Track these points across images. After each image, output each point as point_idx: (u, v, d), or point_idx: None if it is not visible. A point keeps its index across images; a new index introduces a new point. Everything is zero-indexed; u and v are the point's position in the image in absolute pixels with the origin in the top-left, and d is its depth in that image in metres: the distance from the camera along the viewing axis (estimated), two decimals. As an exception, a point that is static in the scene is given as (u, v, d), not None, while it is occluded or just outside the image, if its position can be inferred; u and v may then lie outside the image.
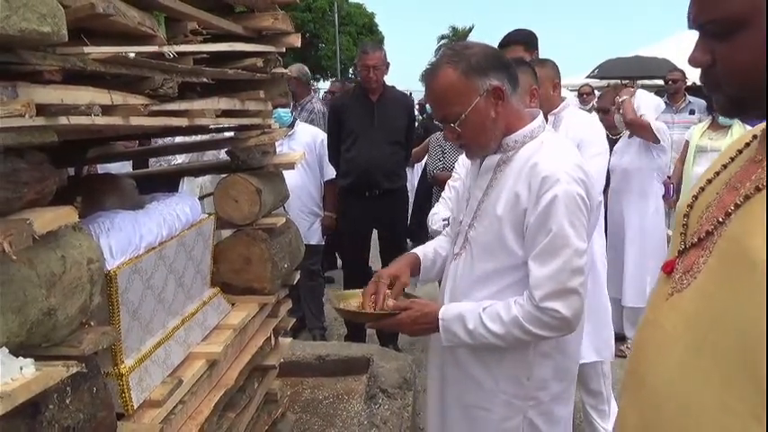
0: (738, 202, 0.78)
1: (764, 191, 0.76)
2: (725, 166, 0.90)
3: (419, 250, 1.83)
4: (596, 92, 8.23)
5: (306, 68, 5.22)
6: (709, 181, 0.91)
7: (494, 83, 1.47)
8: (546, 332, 1.46)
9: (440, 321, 1.54)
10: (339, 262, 5.98)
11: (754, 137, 0.88)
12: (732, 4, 0.74)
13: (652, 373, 0.85)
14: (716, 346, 0.75)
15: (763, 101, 0.77)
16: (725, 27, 0.76)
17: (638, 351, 0.92)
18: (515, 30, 3.06)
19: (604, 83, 8.64)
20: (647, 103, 4.10)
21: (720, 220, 0.80)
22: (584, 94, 8.03)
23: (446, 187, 2.66)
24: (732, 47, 0.76)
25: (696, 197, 0.92)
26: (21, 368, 0.89)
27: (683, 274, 0.85)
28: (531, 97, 2.19)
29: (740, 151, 0.90)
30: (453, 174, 2.61)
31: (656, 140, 3.94)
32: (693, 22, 0.80)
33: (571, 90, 6.64)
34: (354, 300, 1.73)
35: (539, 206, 1.44)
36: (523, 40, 2.97)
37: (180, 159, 3.95)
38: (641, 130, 3.96)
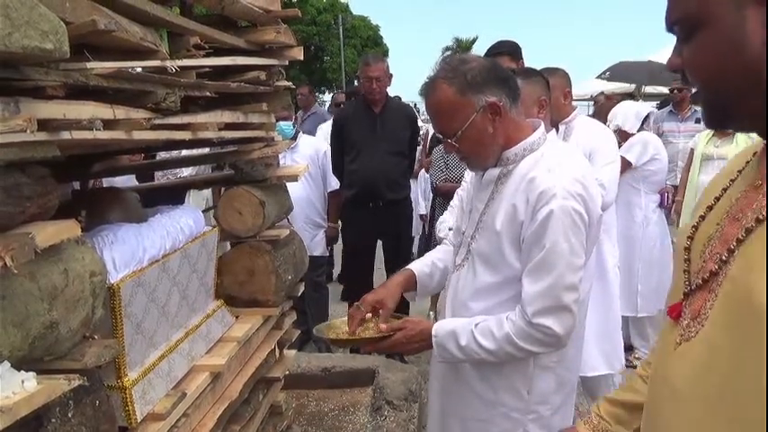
0: (741, 237, 0.75)
1: (765, 222, 0.73)
2: (725, 190, 0.86)
3: (415, 266, 1.82)
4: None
5: None
6: (710, 208, 0.87)
7: (490, 99, 1.46)
8: (537, 348, 1.47)
9: (433, 338, 1.54)
10: (334, 274, 5.99)
11: (754, 154, 0.85)
12: (687, 5, 0.75)
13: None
14: (733, 405, 0.71)
15: (737, 110, 0.76)
16: (685, 27, 0.77)
17: (652, 410, 0.88)
18: (499, 41, 3.10)
19: (615, 86, 8.57)
20: (625, 114, 4.07)
21: (724, 258, 0.77)
22: (598, 102, 7.99)
23: (455, 196, 2.67)
24: (692, 48, 0.76)
25: (696, 227, 0.87)
26: (22, 382, 0.89)
27: (690, 320, 0.81)
28: (539, 108, 2.19)
29: (740, 171, 0.86)
30: (463, 183, 2.62)
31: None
32: (666, 25, 0.81)
33: (578, 99, 6.61)
34: (342, 325, 1.74)
35: (535, 221, 1.43)
36: (508, 50, 2.99)
37: (186, 172, 3.98)
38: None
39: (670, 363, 0.83)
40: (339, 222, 4.41)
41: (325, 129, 5.08)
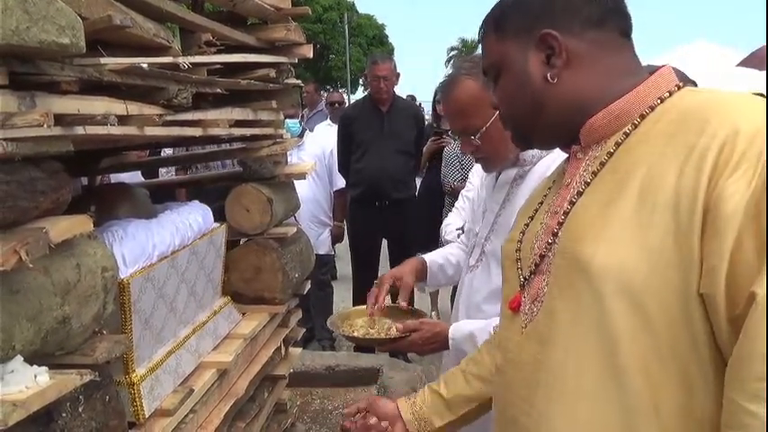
0: (560, 220, 0.87)
1: (576, 203, 0.85)
2: (541, 203, 0.99)
3: (427, 256, 1.82)
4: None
5: None
6: (531, 218, 0.99)
7: None
8: None
9: (450, 341, 1.53)
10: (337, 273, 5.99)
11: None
12: (492, 55, 0.96)
13: (523, 412, 0.86)
14: (576, 370, 0.78)
15: (532, 134, 0.95)
16: (492, 74, 0.97)
17: (505, 394, 0.94)
18: None
19: None
20: None
21: (550, 241, 0.88)
22: None
23: (460, 197, 2.65)
24: (498, 89, 0.98)
25: (523, 233, 0.98)
26: (35, 376, 0.89)
27: (531, 304, 0.89)
28: None
29: (554, 181, 1.00)
30: (468, 184, 2.61)
31: None
32: (483, 71, 1.01)
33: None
34: (357, 317, 1.73)
35: None
36: None
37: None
38: None
39: (518, 346, 0.90)
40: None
41: (322, 129, 4.98)
